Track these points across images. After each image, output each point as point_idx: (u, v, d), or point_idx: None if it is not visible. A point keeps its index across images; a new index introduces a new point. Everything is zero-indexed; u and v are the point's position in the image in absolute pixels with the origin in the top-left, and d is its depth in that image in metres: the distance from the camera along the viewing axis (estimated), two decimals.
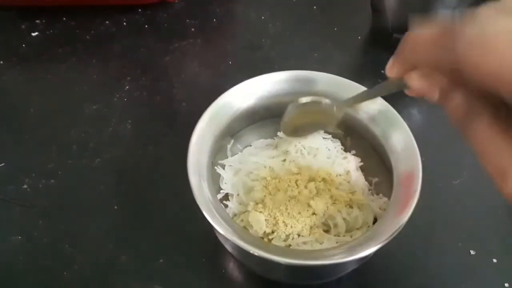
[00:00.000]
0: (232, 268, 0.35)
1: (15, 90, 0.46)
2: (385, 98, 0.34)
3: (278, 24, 0.52)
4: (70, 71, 0.47)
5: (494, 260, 0.35)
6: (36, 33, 0.50)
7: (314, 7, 0.53)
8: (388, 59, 0.49)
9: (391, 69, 0.25)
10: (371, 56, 0.49)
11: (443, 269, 0.35)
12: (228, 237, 0.28)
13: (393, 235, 0.27)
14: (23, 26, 0.51)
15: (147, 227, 0.37)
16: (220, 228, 0.28)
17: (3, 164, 0.40)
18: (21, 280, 0.34)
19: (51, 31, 0.51)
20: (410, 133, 0.32)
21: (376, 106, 0.34)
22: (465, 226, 0.37)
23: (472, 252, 0.36)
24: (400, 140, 0.32)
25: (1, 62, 0.48)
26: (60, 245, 0.36)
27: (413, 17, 0.44)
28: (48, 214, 0.37)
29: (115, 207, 0.38)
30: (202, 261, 0.35)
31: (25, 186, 0.39)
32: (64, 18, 0.52)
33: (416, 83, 0.23)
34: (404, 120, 0.33)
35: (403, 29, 0.45)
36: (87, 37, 0.50)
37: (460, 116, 0.22)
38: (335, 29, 0.51)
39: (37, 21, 0.51)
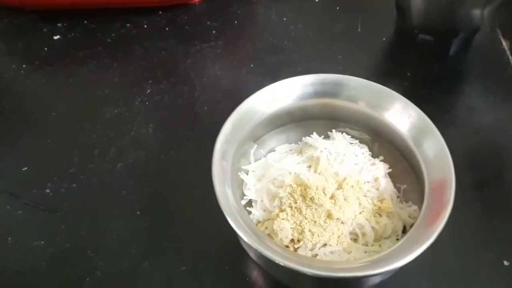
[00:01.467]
0: (257, 277, 0.34)
1: (37, 94, 0.46)
2: (412, 101, 0.33)
3: (300, 26, 0.51)
4: (91, 74, 0.47)
5: None
6: (58, 37, 0.50)
7: (337, 7, 0.52)
8: (413, 60, 0.49)
9: None
10: (396, 57, 0.48)
11: (475, 281, 0.34)
12: (252, 245, 0.27)
13: (425, 247, 0.26)
14: (44, 30, 0.51)
15: (170, 233, 0.36)
16: (245, 235, 0.28)
17: (26, 168, 0.40)
18: (43, 285, 0.34)
19: (72, 34, 0.51)
20: (443, 141, 0.30)
21: (406, 111, 0.33)
22: (497, 236, 0.36)
23: (505, 263, 0.34)
24: (432, 147, 0.31)
25: (24, 65, 0.48)
26: (82, 250, 0.35)
27: (439, 18, 0.43)
28: (71, 219, 0.37)
29: (138, 212, 0.37)
30: (226, 269, 0.34)
31: (47, 191, 0.39)
32: (85, 21, 0.52)
33: None
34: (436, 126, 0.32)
35: (429, 29, 0.45)
36: (108, 40, 0.50)
37: None
38: (359, 30, 0.50)
39: (58, 24, 0.51)
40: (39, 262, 0.35)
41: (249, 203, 0.34)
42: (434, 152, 0.30)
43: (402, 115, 0.32)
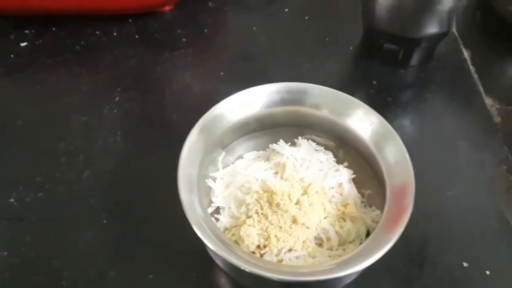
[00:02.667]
0: (224, 284, 0.34)
1: (3, 101, 0.45)
2: (377, 109, 0.34)
3: (269, 35, 0.52)
4: (60, 81, 0.47)
5: (487, 272, 0.35)
6: (25, 43, 0.50)
7: (306, 17, 0.53)
8: (378, 68, 0.50)
9: None
10: (362, 66, 0.49)
11: (436, 281, 0.35)
12: (218, 253, 0.28)
13: (386, 250, 0.27)
14: (12, 36, 0.50)
15: (137, 242, 0.36)
16: (210, 243, 0.28)
17: None
18: None
19: (40, 41, 0.50)
20: (403, 146, 0.31)
21: (368, 117, 0.33)
22: (457, 238, 0.37)
23: (465, 264, 0.35)
24: (393, 152, 0.31)
25: None
26: (48, 260, 0.35)
27: (403, 29, 0.44)
28: (36, 228, 0.36)
29: (104, 221, 0.37)
30: (193, 277, 0.34)
31: (12, 200, 0.38)
32: (53, 28, 0.51)
33: None
34: (395, 131, 0.33)
35: (393, 39, 0.46)
36: (77, 47, 0.50)
37: None
38: (327, 39, 0.51)
39: (26, 31, 0.51)
40: (3, 273, 0.34)
41: (217, 210, 0.35)
42: (395, 157, 0.31)
43: (364, 122, 0.33)
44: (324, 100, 0.34)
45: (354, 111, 0.34)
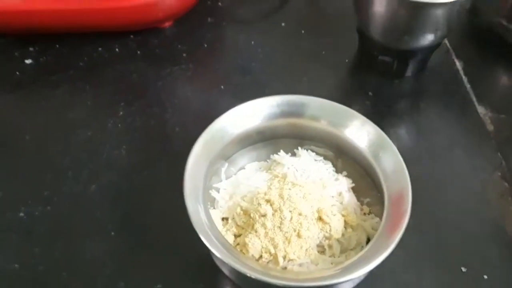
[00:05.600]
0: None
1: (9, 118, 0.46)
2: (373, 119, 0.35)
3: (267, 49, 0.53)
4: (64, 97, 0.48)
5: (485, 277, 0.36)
6: (30, 61, 0.51)
7: (303, 31, 0.55)
8: (373, 79, 0.51)
9: None
10: (358, 78, 0.51)
11: (436, 286, 0.36)
12: (225, 261, 0.29)
13: (386, 255, 0.28)
14: (16, 54, 0.51)
15: (144, 252, 0.37)
16: (217, 251, 0.29)
17: None
18: None
19: (44, 58, 0.51)
20: (399, 155, 0.33)
21: (365, 128, 0.35)
22: (455, 244, 0.38)
23: (463, 269, 0.37)
24: (390, 161, 0.33)
25: None
26: (57, 272, 0.36)
27: (397, 41, 0.46)
28: (45, 241, 0.37)
29: (112, 233, 0.38)
30: (200, 286, 0.35)
31: (21, 214, 0.39)
32: (57, 45, 0.52)
33: None
34: (392, 140, 0.34)
35: (388, 51, 0.48)
36: (80, 63, 0.51)
37: None
38: (323, 52, 0.53)
39: (30, 48, 0.52)
40: (14, 285, 0.35)
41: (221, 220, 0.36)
42: (392, 166, 0.33)
43: (361, 132, 0.35)
44: (323, 112, 0.36)
45: (351, 122, 0.35)
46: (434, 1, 0.41)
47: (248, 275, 0.28)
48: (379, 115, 0.46)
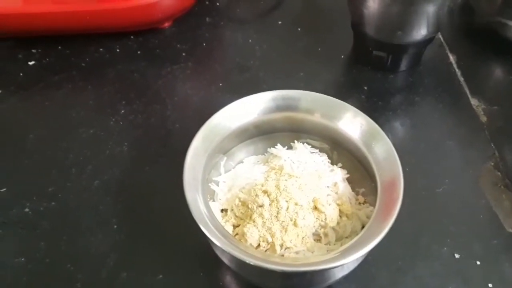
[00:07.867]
0: (229, 280, 0.36)
1: (14, 118, 0.48)
2: (368, 113, 0.36)
3: (264, 46, 0.54)
4: (67, 97, 0.49)
5: (478, 263, 0.37)
6: (33, 62, 0.52)
7: (299, 29, 0.56)
8: (369, 74, 0.52)
9: None
10: (353, 73, 0.52)
11: (430, 272, 0.37)
12: (224, 249, 0.30)
13: (378, 240, 0.29)
14: (20, 56, 0.53)
15: (146, 244, 0.38)
16: (216, 240, 0.30)
17: (4, 189, 0.42)
18: None
19: (47, 59, 0.53)
20: (390, 143, 0.34)
21: (357, 120, 0.36)
22: (449, 231, 0.39)
23: (456, 256, 0.38)
24: (382, 150, 0.34)
25: (0, 91, 0.50)
26: (62, 265, 0.37)
27: (391, 36, 0.47)
28: (50, 235, 0.39)
29: (115, 226, 0.39)
30: (200, 275, 0.36)
31: (27, 210, 0.40)
32: (59, 47, 0.54)
33: None
34: (387, 133, 0.35)
35: (382, 47, 0.49)
36: (82, 64, 0.52)
37: None
38: (319, 49, 0.54)
39: (33, 50, 0.53)
40: (21, 278, 0.36)
41: (220, 211, 0.37)
42: (383, 154, 0.33)
43: (354, 124, 0.36)
44: (316, 105, 0.37)
45: (344, 114, 0.36)
46: None
47: (247, 262, 0.29)
48: (374, 109, 0.48)
